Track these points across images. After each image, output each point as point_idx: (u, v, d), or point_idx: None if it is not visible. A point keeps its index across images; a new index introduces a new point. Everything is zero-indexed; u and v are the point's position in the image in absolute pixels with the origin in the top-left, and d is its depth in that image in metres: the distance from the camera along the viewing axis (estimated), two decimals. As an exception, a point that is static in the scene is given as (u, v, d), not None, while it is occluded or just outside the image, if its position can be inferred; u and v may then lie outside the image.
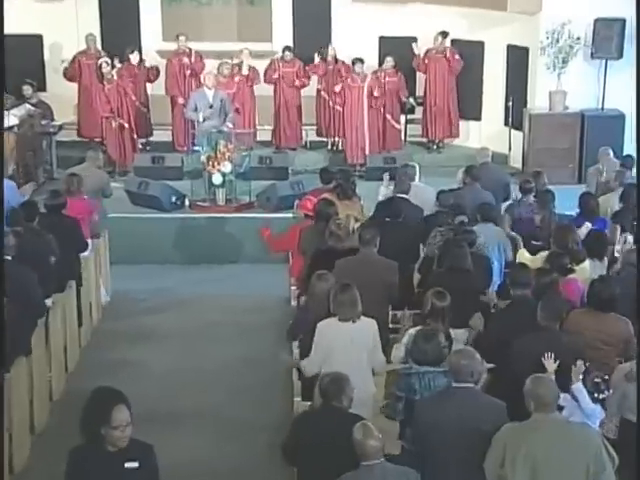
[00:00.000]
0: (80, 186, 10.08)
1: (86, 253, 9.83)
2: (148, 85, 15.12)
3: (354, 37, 15.42)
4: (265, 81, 14.99)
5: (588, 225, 8.95)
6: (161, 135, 15.16)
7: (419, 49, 15.00)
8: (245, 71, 14.71)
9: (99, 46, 15.29)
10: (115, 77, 14.04)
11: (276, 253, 10.29)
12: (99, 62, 14.31)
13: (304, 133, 15.43)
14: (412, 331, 6.85)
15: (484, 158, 11.23)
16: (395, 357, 6.92)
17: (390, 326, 7.93)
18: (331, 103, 14.99)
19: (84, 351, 9.51)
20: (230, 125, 13.14)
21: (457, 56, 14.85)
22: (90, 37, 15.18)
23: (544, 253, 8.35)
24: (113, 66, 14.28)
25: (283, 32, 15.94)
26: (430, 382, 6.09)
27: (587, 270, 8.00)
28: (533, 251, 8.83)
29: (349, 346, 6.71)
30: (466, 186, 10.43)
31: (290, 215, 11.50)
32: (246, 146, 13.48)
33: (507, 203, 10.60)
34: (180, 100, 14.77)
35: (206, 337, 9.89)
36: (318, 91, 15.27)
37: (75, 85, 15.25)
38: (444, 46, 14.86)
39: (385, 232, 8.28)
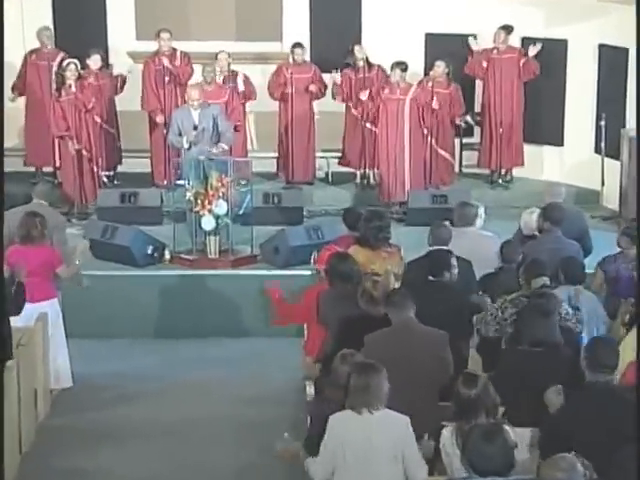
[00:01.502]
0: (44, 228, 10.24)
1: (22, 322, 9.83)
2: (116, 99, 15.20)
3: (392, 35, 15.56)
4: (272, 97, 15.07)
5: None
6: (134, 165, 15.32)
7: (479, 46, 15.15)
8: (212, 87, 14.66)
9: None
10: (74, 89, 14.07)
11: (283, 325, 10.23)
12: (65, 62, 14.19)
13: (324, 162, 15.52)
14: (446, 432, 6.81)
15: (555, 197, 11.24)
16: None
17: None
18: (362, 122, 15.06)
19: (26, 457, 9.46)
20: (225, 147, 13.23)
21: (532, 58, 14.91)
22: (46, 32, 15.26)
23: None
24: (79, 73, 14.19)
25: (297, 29, 16.11)
26: (497, 498, 6.03)
27: None
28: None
29: (367, 448, 6.67)
30: (544, 234, 10.44)
31: (306, 272, 11.51)
32: (247, 179, 13.54)
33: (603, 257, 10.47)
34: (159, 119, 14.89)
35: (192, 437, 9.83)
36: (347, 107, 15.33)
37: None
38: (507, 45, 14.99)
39: (422, 296, 8.25)
